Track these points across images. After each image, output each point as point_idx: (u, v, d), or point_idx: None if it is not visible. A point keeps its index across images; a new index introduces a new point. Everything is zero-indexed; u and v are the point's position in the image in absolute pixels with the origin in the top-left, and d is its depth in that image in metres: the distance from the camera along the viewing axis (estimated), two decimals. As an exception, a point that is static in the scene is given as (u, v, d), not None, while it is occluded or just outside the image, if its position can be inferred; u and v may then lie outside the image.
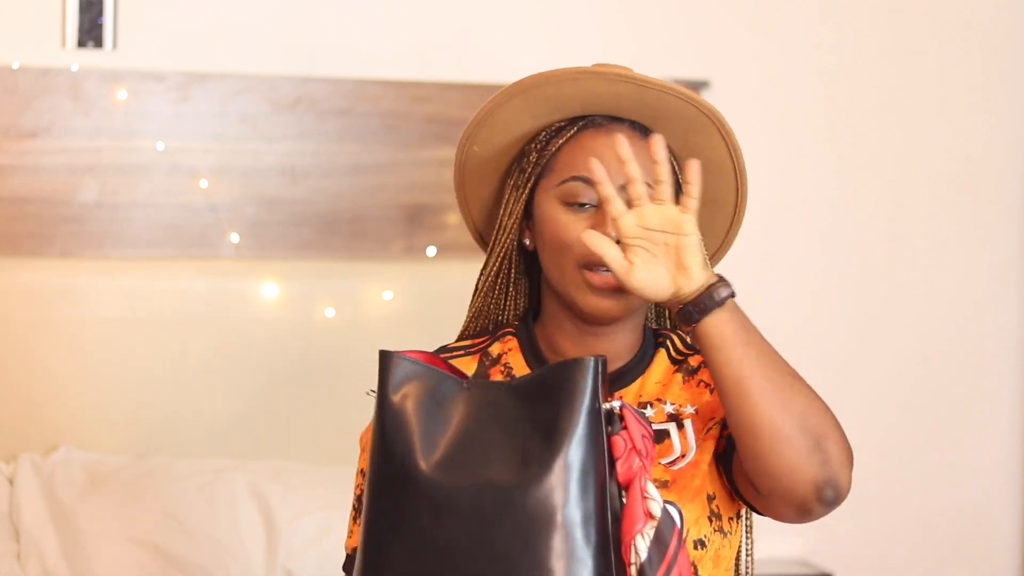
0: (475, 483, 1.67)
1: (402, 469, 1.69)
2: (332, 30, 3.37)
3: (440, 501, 1.67)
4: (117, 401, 3.20)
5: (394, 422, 1.71)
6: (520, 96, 1.92)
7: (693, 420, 1.90)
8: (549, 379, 1.70)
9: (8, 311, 3.15)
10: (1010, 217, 3.81)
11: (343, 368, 3.28)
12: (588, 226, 1.86)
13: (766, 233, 3.66)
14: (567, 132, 1.92)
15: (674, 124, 1.92)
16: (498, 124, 1.95)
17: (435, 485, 1.68)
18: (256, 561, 2.96)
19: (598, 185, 1.77)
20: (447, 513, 1.67)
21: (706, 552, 1.84)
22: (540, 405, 1.69)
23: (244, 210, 3.28)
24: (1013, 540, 3.85)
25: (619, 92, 1.90)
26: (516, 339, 1.96)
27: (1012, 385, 3.84)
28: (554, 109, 1.92)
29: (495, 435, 1.70)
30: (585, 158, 1.87)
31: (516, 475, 1.66)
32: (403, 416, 1.72)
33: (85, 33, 3.20)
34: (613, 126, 1.92)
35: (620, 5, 3.55)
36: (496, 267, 1.99)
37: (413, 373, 1.74)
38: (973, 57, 3.76)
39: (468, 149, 1.98)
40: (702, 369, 1.93)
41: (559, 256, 1.89)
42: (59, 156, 3.19)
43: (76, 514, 2.96)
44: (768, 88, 3.65)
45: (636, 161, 1.80)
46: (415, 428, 1.71)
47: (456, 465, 1.69)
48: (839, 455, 1.77)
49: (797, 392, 1.76)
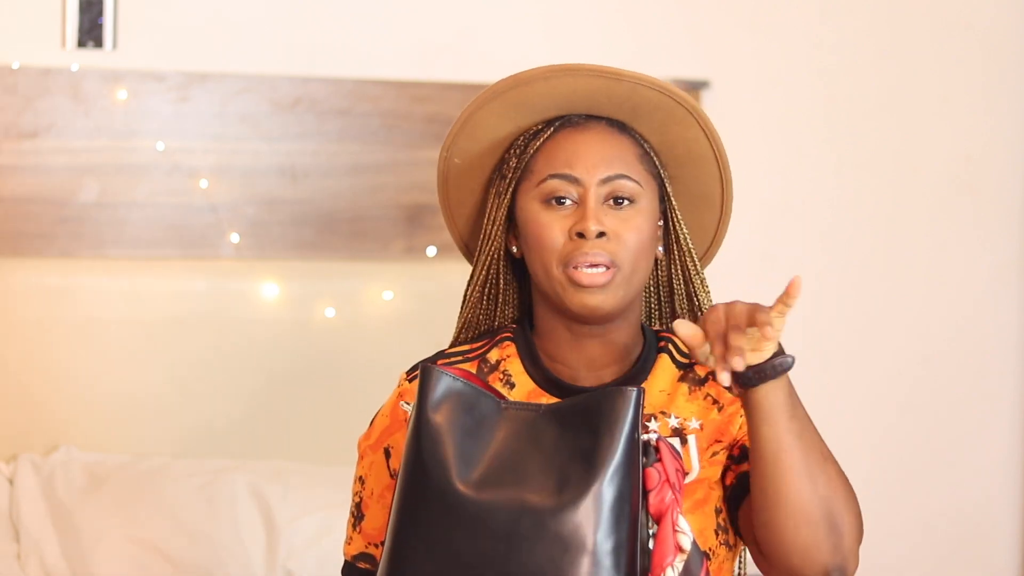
0: (511, 504, 1.67)
1: (437, 484, 1.69)
2: (332, 30, 3.37)
3: (474, 519, 1.67)
4: (117, 401, 3.20)
5: (431, 438, 1.71)
6: (494, 101, 1.91)
7: (698, 436, 1.88)
8: (592, 406, 1.70)
9: (8, 311, 3.15)
10: (1010, 217, 3.81)
11: (343, 368, 3.28)
12: (569, 223, 1.86)
13: (766, 233, 3.66)
14: (544, 133, 1.91)
15: (652, 117, 1.91)
16: (476, 132, 1.94)
17: (471, 503, 1.68)
18: (256, 561, 2.97)
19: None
20: (481, 531, 1.67)
21: (710, 564, 1.84)
22: (580, 432, 1.69)
23: (244, 210, 3.28)
24: (1013, 540, 3.85)
25: (593, 88, 1.89)
26: (514, 345, 1.95)
27: (1012, 385, 3.84)
28: (530, 111, 1.91)
29: (533, 457, 1.70)
30: (562, 156, 1.87)
31: (553, 499, 1.66)
32: (441, 432, 1.72)
33: (85, 33, 3.20)
34: (590, 123, 1.91)
35: (620, 5, 3.55)
36: (483, 276, 1.97)
37: (453, 390, 1.74)
38: (973, 57, 3.76)
39: (449, 162, 1.97)
40: (710, 381, 1.91)
41: (543, 256, 1.88)
42: (59, 156, 3.19)
43: (76, 514, 2.96)
44: (768, 88, 3.65)
45: (611, 150, 1.84)
46: (452, 445, 1.71)
47: (492, 484, 1.69)
48: (852, 542, 1.77)
49: (828, 474, 1.76)
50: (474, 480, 1.69)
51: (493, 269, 1.97)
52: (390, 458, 1.93)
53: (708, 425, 1.88)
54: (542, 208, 1.88)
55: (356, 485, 1.97)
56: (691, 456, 1.87)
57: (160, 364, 3.22)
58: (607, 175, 1.87)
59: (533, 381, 1.92)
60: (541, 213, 1.88)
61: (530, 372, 1.93)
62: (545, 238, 1.87)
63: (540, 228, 1.88)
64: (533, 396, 1.91)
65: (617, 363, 1.91)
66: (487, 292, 1.98)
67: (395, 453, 1.93)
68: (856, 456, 3.81)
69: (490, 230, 1.95)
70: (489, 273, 1.97)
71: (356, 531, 1.96)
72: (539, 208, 1.88)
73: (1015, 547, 3.85)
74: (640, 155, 1.91)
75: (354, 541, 1.96)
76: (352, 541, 1.97)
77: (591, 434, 1.68)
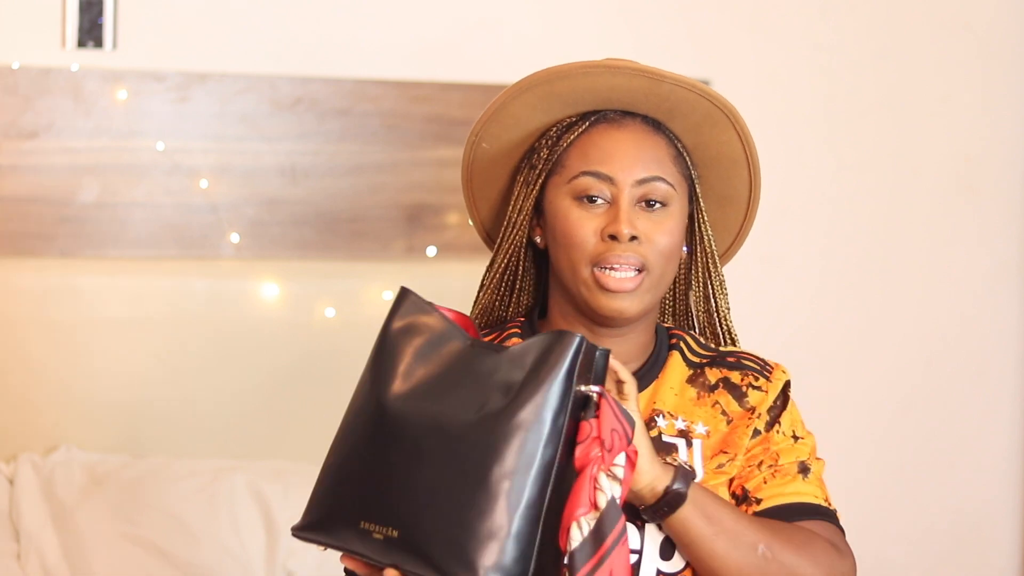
0: (423, 418, 1.68)
1: (374, 393, 1.73)
2: (332, 30, 3.37)
3: (391, 429, 1.69)
4: (117, 401, 3.21)
5: (385, 350, 1.75)
6: (530, 91, 1.89)
7: (703, 442, 1.87)
8: (534, 346, 1.69)
9: (8, 311, 3.15)
10: (1010, 217, 3.81)
11: (343, 368, 3.27)
12: (601, 224, 1.84)
13: (766, 233, 3.65)
14: (578, 127, 1.89)
15: (687, 118, 1.90)
16: (508, 120, 1.92)
17: (390, 413, 1.70)
18: (256, 561, 2.97)
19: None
20: (393, 442, 1.69)
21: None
22: (515, 367, 1.68)
23: (244, 210, 3.28)
24: (1013, 540, 3.86)
25: (632, 87, 1.87)
26: (521, 339, 1.93)
27: (1012, 385, 3.84)
28: (565, 104, 1.90)
29: (464, 383, 1.70)
30: (597, 153, 1.86)
31: (460, 422, 1.66)
32: (395, 347, 1.74)
33: (85, 33, 3.20)
34: (625, 120, 1.89)
35: (620, 5, 3.55)
36: (504, 264, 1.96)
37: (422, 312, 1.76)
38: (972, 57, 3.77)
39: (477, 146, 1.95)
40: (720, 389, 1.90)
41: (571, 253, 1.86)
42: (59, 156, 3.19)
43: (76, 514, 2.96)
44: (768, 88, 3.65)
45: (647, 151, 1.83)
46: (401, 361, 1.73)
47: (416, 399, 1.70)
48: None
49: (775, 565, 1.77)
50: (402, 393, 1.71)
51: (514, 258, 1.96)
52: None
53: (715, 434, 1.88)
54: (573, 205, 1.86)
55: None
56: (695, 459, 1.86)
57: (160, 364, 3.23)
58: (643, 176, 1.86)
59: None
60: (572, 210, 1.86)
61: None
62: (576, 236, 1.85)
63: (571, 226, 1.86)
64: None
65: (630, 360, 1.90)
66: (506, 279, 1.97)
67: None
68: (856, 456, 3.82)
69: (516, 219, 1.93)
70: (510, 262, 1.96)
71: None
72: (570, 204, 1.87)
73: (1015, 547, 3.86)
74: (674, 156, 1.90)
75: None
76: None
77: (521, 369, 1.67)
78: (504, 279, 1.97)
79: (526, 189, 1.92)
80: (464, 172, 1.99)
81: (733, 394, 1.90)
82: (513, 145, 1.94)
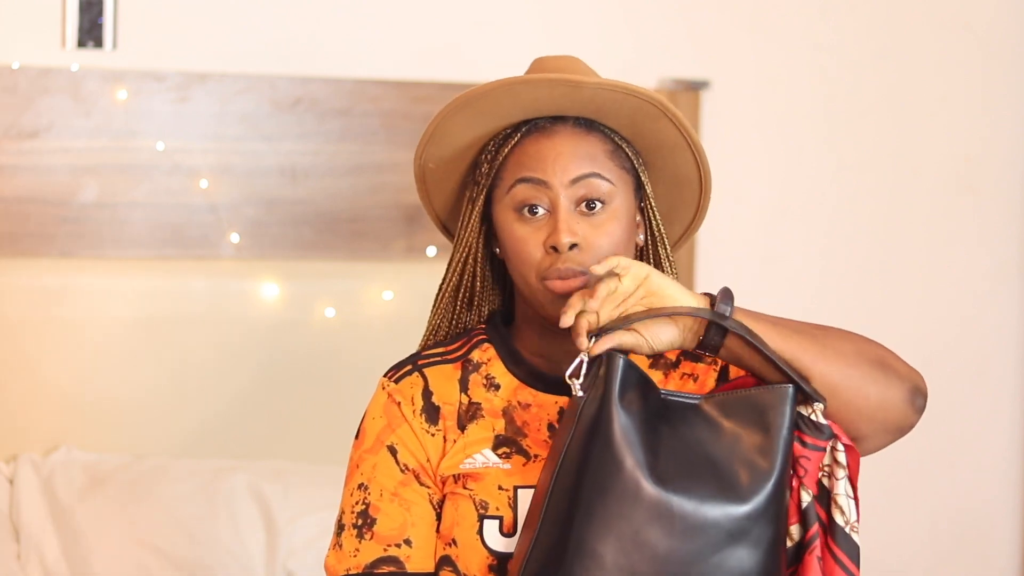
0: (699, 499, 1.74)
1: (629, 476, 1.73)
2: (332, 30, 3.37)
3: (664, 513, 1.73)
4: (117, 401, 3.21)
5: (622, 428, 1.75)
6: (460, 112, 1.91)
7: None
8: (756, 402, 1.78)
9: (8, 311, 3.15)
10: (1010, 217, 3.81)
11: (343, 368, 3.28)
12: (543, 236, 1.87)
13: (766, 233, 3.66)
14: (512, 139, 1.92)
15: (618, 115, 1.91)
16: (445, 139, 1.94)
17: (662, 496, 1.73)
18: (256, 561, 2.97)
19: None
20: (674, 526, 1.73)
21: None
22: (750, 427, 1.78)
23: (244, 210, 3.28)
24: (1013, 540, 3.85)
25: (555, 95, 1.89)
26: (492, 346, 1.96)
27: (1012, 385, 3.84)
28: (496, 118, 1.92)
29: (711, 451, 1.77)
30: (529, 161, 1.88)
31: (739, 495, 1.74)
32: (631, 422, 1.76)
33: (85, 33, 3.20)
34: (556, 126, 1.91)
35: (620, 5, 3.55)
36: (455, 281, 1.98)
37: (633, 376, 1.78)
38: (972, 57, 3.76)
39: (425, 167, 1.98)
40: (682, 363, 1.95)
41: (519, 268, 1.89)
42: (59, 156, 3.19)
43: (76, 514, 2.96)
44: (768, 88, 3.65)
45: (581, 149, 1.86)
46: (640, 435, 1.75)
47: (679, 477, 1.74)
48: (902, 365, 1.87)
49: (840, 339, 1.85)
50: (660, 473, 1.74)
51: (469, 273, 1.98)
52: (397, 454, 1.93)
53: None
54: (516, 220, 1.89)
55: (356, 495, 1.93)
56: None
57: (160, 364, 3.23)
58: (576, 175, 1.88)
59: (517, 379, 1.94)
60: (516, 226, 1.89)
61: (512, 370, 1.94)
62: (521, 253, 1.88)
63: (516, 242, 1.89)
64: (517, 392, 1.93)
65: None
66: (461, 296, 1.99)
67: (402, 447, 1.92)
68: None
69: (464, 236, 1.96)
70: (464, 278, 1.98)
71: (366, 539, 1.90)
72: (513, 219, 1.90)
73: (1015, 547, 3.85)
74: (610, 151, 1.92)
75: (363, 550, 1.90)
76: (360, 552, 1.90)
77: (762, 431, 1.76)
78: (460, 295, 1.99)
79: (471, 206, 1.95)
80: (419, 190, 2.01)
81: (693, 359, 1.96)
82: (456, 161, 1.97)
